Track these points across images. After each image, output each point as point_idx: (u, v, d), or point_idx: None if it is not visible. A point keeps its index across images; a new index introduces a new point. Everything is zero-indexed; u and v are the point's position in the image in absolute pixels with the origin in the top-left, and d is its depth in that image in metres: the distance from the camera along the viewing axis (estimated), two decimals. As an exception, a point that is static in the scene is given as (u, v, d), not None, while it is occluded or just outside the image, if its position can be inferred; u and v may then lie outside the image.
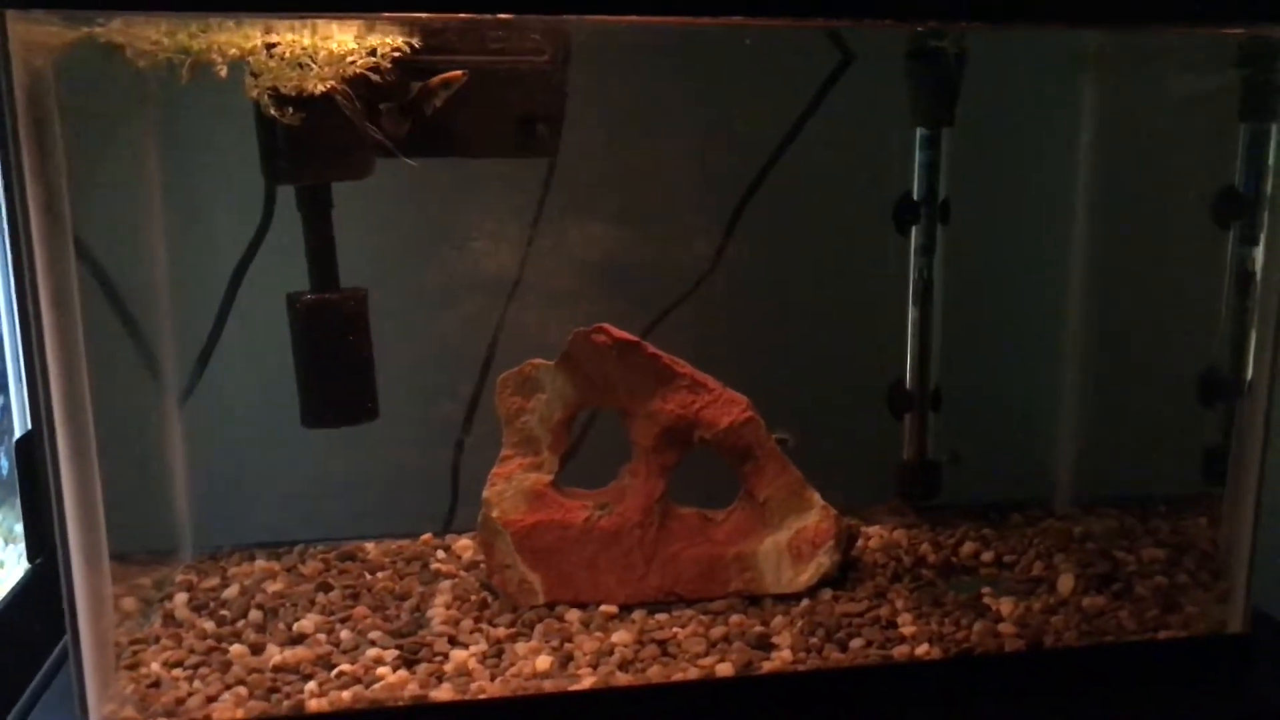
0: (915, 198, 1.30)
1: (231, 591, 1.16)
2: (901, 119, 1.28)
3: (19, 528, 1.13)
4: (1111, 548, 1.26)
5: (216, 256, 1.20)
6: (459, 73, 1.01)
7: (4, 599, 1.09)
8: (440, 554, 1.27)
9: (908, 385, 1.35)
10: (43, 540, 1.11)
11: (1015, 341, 1.41)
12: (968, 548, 1.28)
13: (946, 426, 1.35)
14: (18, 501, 1.10)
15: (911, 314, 1.33)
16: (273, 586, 1.17)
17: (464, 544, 1.28)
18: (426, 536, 1.31)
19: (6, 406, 1.15)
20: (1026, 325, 1.41)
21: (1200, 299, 1.23)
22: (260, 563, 1.24)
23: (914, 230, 1.30)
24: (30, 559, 1.12)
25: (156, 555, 1.22)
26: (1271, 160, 1.10)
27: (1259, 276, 1.12)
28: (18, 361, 1.14)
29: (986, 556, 1.26)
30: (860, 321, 1.39)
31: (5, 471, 1.15)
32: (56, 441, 0.90)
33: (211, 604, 1.14)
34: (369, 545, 1.28)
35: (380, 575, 1.21)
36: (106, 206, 1.10)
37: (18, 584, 1.12)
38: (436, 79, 1.01)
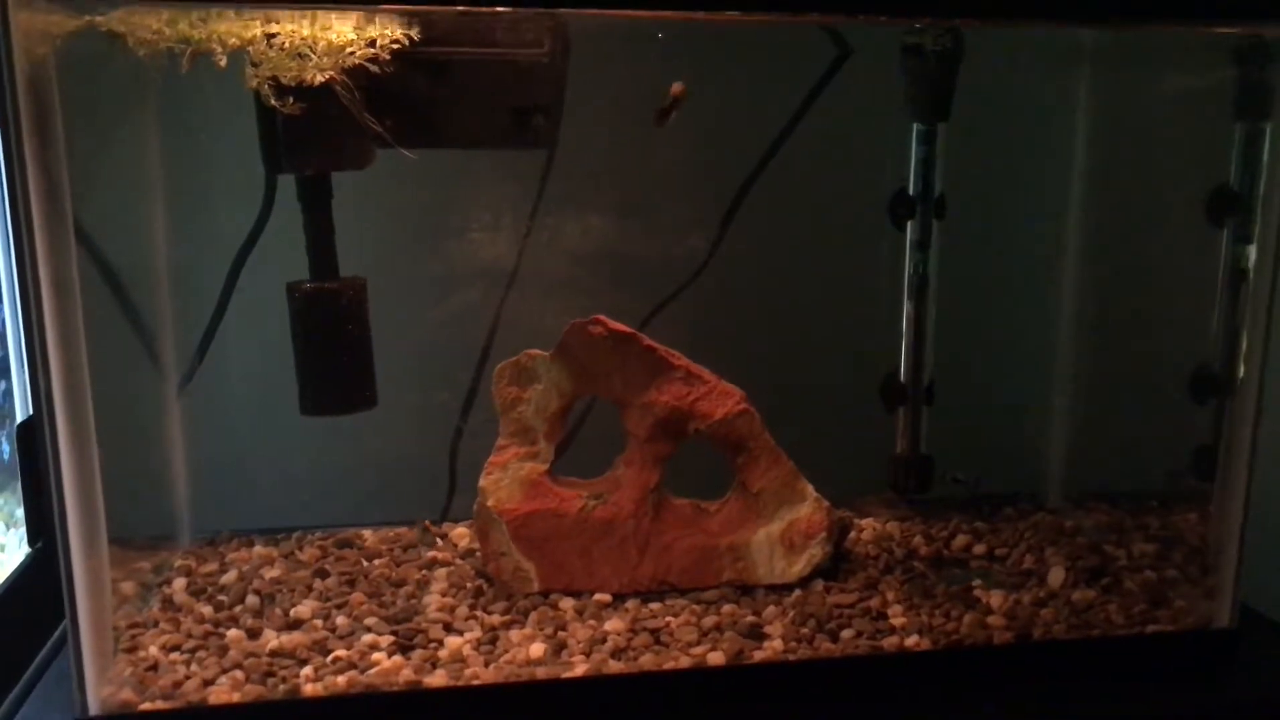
0: (911, 193, 1.30)
1: (229, 577, 1.17)
2: (898, 114, 1.29)
3: (20, 512, 1.14)
4: (1102, 542, 1.27)
5: (217, 245, 1.20)
6: None
7: (5, 582, 1.10)
8: (437, 541, 1.28)
9: (901, 379, 1.35)
10: (43, 524, 1.12)
11: (1009, 336, 1.42)
12: (959, 541, 1.29)
13: (939, 420, 1.36)
14: (19, 486, 1.11)
15: (906, 308, 1.33)
16: (270, 572, 1.19)
17: (460, 532, 1.29)
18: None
19: (8, 391, 1.16)
20: (1020, 320, 1.42)
21: (1193, 296, 1.23)
22: (258, 549, 1.25)
23: (909, 225, 1.31)
24: (30, 543, 1.13)
25: (155, 540, 1.23)
26: (1265, 159, 1.10)
27: (1251, 275, 1.12)
28: (19, 347, 1.15)
29: (978, 549, 1.27)
30: (855, 315, 1.40)
31: (6, 456, 1.16)
32: (56, 427, 0.91)
33: (209, 589, 1.15)
34: (366, 532, 1.29)
35: (377, 562, 1.22)
36: (108, 194, 1.11)
37: (18, 568, 1.13)
38: None
